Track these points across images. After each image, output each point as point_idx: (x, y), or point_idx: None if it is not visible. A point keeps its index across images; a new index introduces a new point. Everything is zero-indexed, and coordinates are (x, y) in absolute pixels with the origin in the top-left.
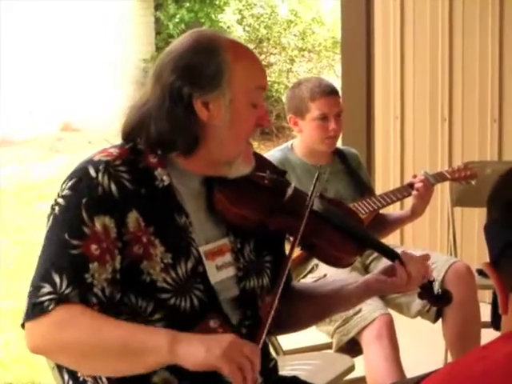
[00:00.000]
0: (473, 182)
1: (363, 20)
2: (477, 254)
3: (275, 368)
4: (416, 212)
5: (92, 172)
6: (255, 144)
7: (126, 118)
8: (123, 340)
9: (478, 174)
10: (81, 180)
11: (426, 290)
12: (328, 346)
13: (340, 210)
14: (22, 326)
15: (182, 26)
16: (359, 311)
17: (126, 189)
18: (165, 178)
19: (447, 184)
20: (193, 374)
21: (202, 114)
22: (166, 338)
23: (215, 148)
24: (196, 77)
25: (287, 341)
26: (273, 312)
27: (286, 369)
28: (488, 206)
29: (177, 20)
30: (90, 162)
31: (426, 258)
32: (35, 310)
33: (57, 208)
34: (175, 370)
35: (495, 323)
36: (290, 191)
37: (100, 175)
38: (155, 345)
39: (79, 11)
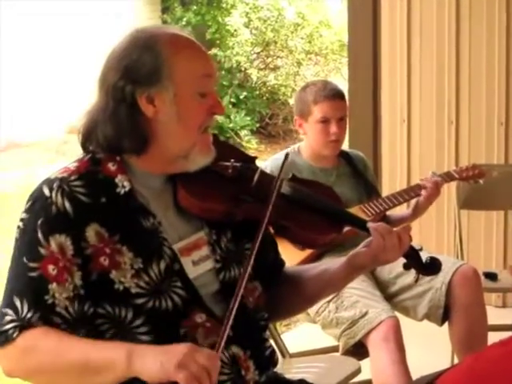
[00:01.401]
0: (481, 181)
1: (370, 23)
2: (483, 256)
3: (272, 357)
4: (418, 211)
5: (46, 192)
6: (262, 147)
7: (81, 126)
8: (83, 359)
9: (486, 173)
10: (35, 201)
11: (411, 259)
12: (335, 349)
13: (312, 190)
14: None
15: (189, 28)
16: (366, 314)
17: (82, 203)
18: (125, 183)
19: (454, 187)
20: None
21: (148, 110)
22: (123, 353)
23: (167, 143)
24: (136, 74)
25: (293, 344)
26: (234, 312)
27: (292, 372)
28: None
29: (184, 23)
30: (46, 181)
31: (407, 227)
32: (1, 338)
33: (17, 232)
34: None
35: None
36: (256, 177)
37: (53, 194)
38: (113, 361)
39: (85, 13)
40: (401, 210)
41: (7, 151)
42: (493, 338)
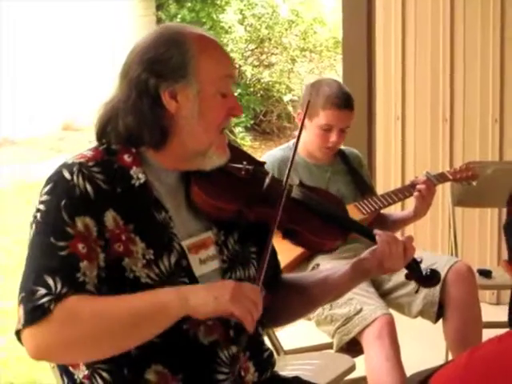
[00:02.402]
0: (474, 183)
1: (364, 20)
2: (477, 254)
3: (270, 359)
4: (419, 213)
5: (67, 175)
6: (256, 144)
7: (98, 117)
8: (133, 310)
9: (479, 175)
10: (57, 184)
11: (412, 270)
12: (329, 346)
13: (320, 196)
14: (17, 333)
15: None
16: (360, 311)
17: (101, 189)
18: (140, 175)
19: (448, 184)
20: (185, 367)
21: (171, 105)
22: (173, 294)
23: (186, 139)
24: (162, 68)
25: (288, 341)
26: (268, 257)
27: (286, 369)
28: (509, 205)
29: (178, 20)
30: (64, 165)
31: (410, 239)
32: (36, 313)
33: (38, 214)
34: (168, 362)
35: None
36: (267, 180)
37: (75, 177)
38: (165, 304)
39: (80, 11)
40: (401, 210)
41: (2, 147)
42: (487, 335)
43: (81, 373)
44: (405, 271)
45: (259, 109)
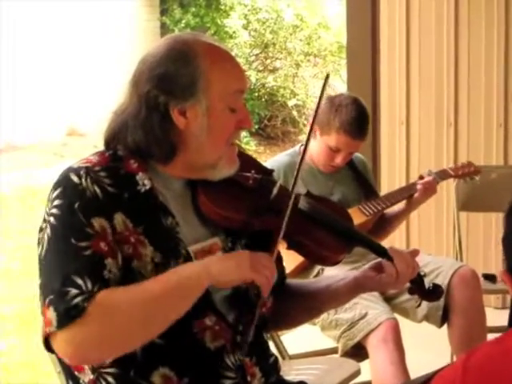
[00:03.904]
0: (477, 178)
1: (369, 25)
2: (482, 258)
3: (275, 364)
4: (412, 206)
5: (75, 179)
6: (261, 149)
7: (107, 125)
8: (165, 288)
9: (481, 170)
10: (66, 188)
11: (416, 285)
12: (334, 351)
13: (327, 208)
14: (45, 340)
15: (188, 31)
16: (365, 315)
17: (109, 192)
18: (146, 182)
19: (453, 188)
20: (191, 371)
21: (180, 122)
22: (199, 265)
23: (194, 154)
24: (171, 86)
25: (293, 345)
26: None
27: (291, 373)
28: (506, 218)
29: (182, 25)
30: (71, 169)
31: (415, 253)
32: (70, 313)
33: (52, 219)
34: (175, 365)
35: None
36: (275, 190)
37: (83, 180)
38: (194, 275)
39: (84, 16)
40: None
41: (6, 153)
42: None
43: (86, 377)
44: (408, 285)
45: (264, 113)
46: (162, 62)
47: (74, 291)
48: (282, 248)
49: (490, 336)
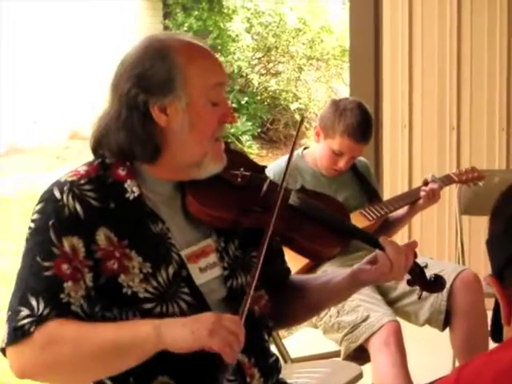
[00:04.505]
0: (480, 184)
1: (372, 29)
2: (484, 262)
3: (276, 365)
4: (415, 211)
5: (57, 194)
6: (263, 152)
7: (91, 132)
8: (109, 341)
9: (485, 176)
10: (47, 203)
11: (415, 276)
12: (336, 354)
13: (321, 203)
14: (2, 350)
15: (191, 34)
16: (367, 318)
17: (92, 207)
18: (134, 189)
19: (455, 192)
20: (191, 378)
21: (161, 119)
22: (150, 327)
23: (179, 152)
24: (149, 83)
25: (295, 349)
26: (254, 285)
27: (293, 377)
28: (490, 220)
29: (185, 28)
30: (56, 183)
31: (413, 244)
32: (16, 334)
33: (28, 232)
34: (174, 374)
35: (495, 334)
36: (265, 187)
37: (65, 196)
38: (142, 337)
39: (87, 19)
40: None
41: (8, 156)
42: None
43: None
44: (408, 277)
45: (266, 117)
46: (139, 61)
47: (25, 312)
48: (285, 247)
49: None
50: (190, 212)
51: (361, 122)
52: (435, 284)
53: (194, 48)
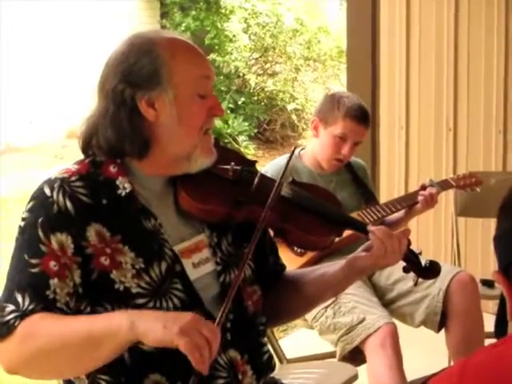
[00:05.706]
0: (478, 189)
1: (369, 30)
2: (480, 264)
3: (269, 363)
4: (412, 215)
5: (47, 191)
6: (260, 153)
7: (80, 132)
8: (84, 332)
9: (482, 181)
10: (36, 200)
11: (410, 262)
12: (332, 355)
13: (313, 194)
14: None
15: (188, 34)
16: (363, 320)
17: (83, 203)
18: (126, 185)
19: (451, 194)
20: (183, 375)
21: (149, 114)
22: (125, 318)
23: (169, 145)
24: (135, 78)
25: (291, 349)
26: (233, 293)
27: (289, 377)
28: (498, 217)
29: (183, 28)
30: (47, 181)
31: (406, 232)
32: (2, 329)
33: (18, 231)
34: (166, 371)
35: (500, 330)
36: (256, 180)
37: (55, 193)
38: (116, 327)
39: (84, 18)
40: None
41: (6, 155)
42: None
43: (81, 382)
44: (403, 264)
45: (263, 117)
46: (125, 58)
47: (10, 307)
48: (282, 247)
49: (488, 341)
50: (183, 207)
51: (360, 105)
52: (430, 270)
53: (177, 42)
